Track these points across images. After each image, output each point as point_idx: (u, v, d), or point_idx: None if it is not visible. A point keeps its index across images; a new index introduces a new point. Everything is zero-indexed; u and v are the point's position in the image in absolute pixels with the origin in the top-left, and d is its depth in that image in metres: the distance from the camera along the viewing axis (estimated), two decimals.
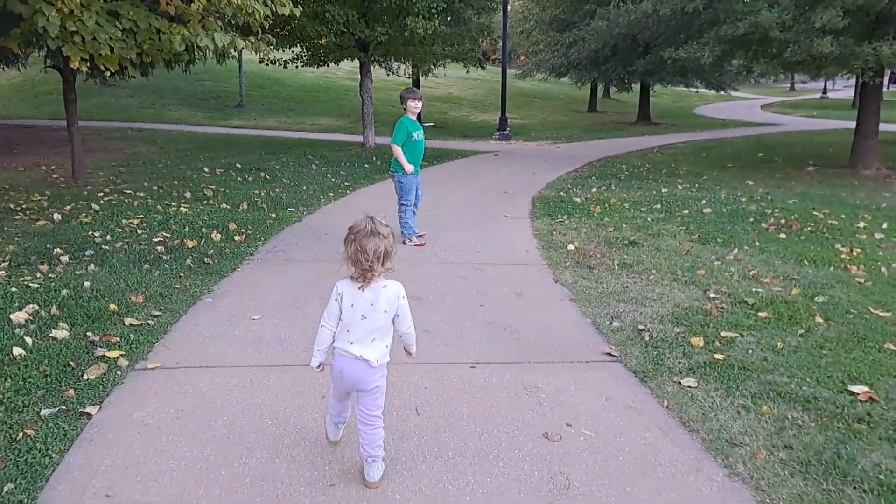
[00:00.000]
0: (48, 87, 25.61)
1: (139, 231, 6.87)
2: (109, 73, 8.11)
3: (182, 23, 7.68)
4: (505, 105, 20.02)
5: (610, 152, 16.68)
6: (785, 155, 16.55)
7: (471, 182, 11.22)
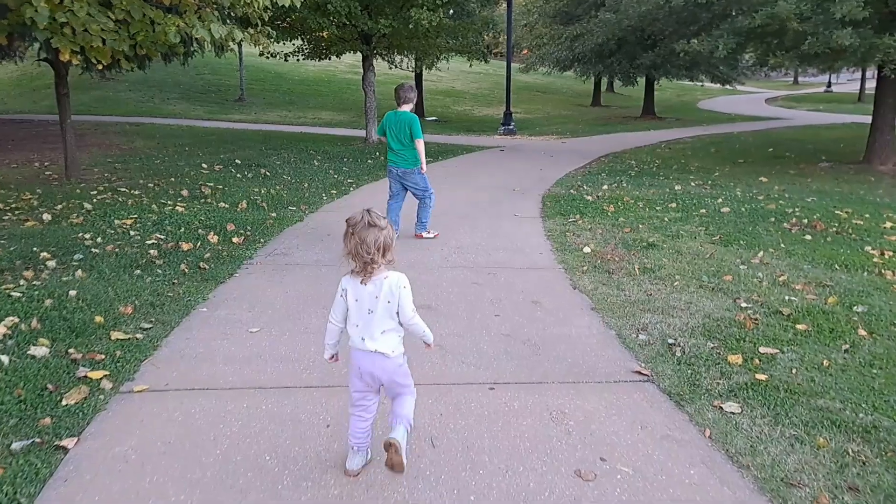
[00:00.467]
0: (46, 81, 25.18)
1: (132, 233, 6.52)
2: (102, 67, 7.77)
3: (177, 13, 7.30)
4: (509, 99, 19.64)
5: (617, 147, 16.33)
6: (795, 150, 16.19)
7: (477, 179, 10.86)
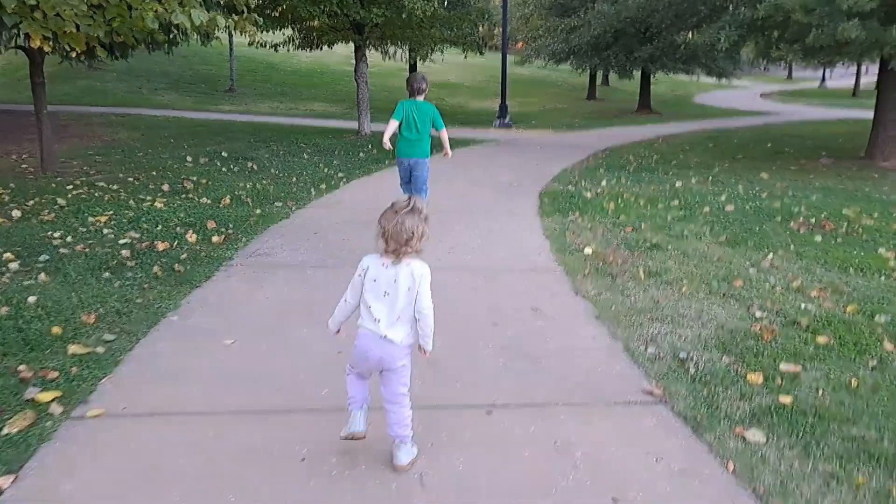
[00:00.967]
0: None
1: (105, 231, 6.13)
2: (76, 55, 7.37)
3: None
4: (505, 92, 19.25)
5: (614, 142, 15.98)
6: (795, 146, 15.89)
7: (473, 174, 10.50)
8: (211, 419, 2.99)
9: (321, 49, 16.17)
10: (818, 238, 6.63)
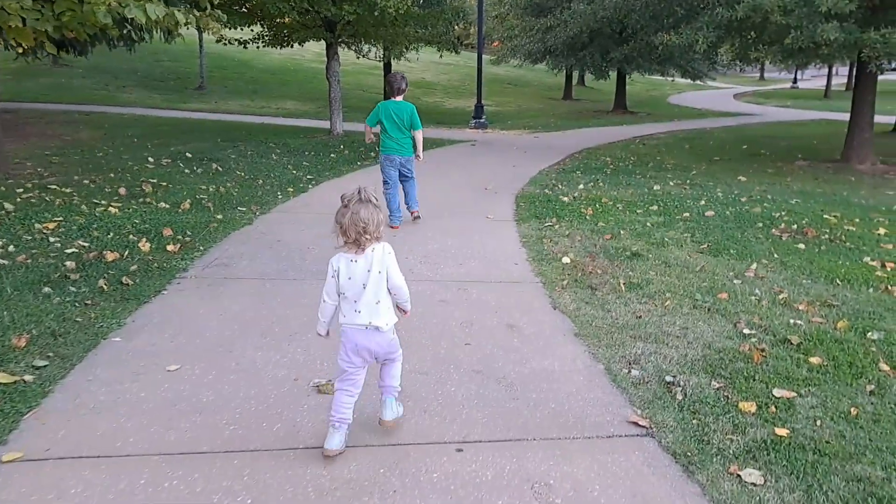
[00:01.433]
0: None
1: (52, 239, 5.72)
2: (22, 51, 6.93)
3: None
4: (481, 92, 18.99)
5: (590, 143, 15.80)
6: (770, 148, 15.84)
7: (448, 176, 10.20)
8: (145, 463, 2.64)
9: (292, 47, 15.76)
10: (801, 246, 6.43)
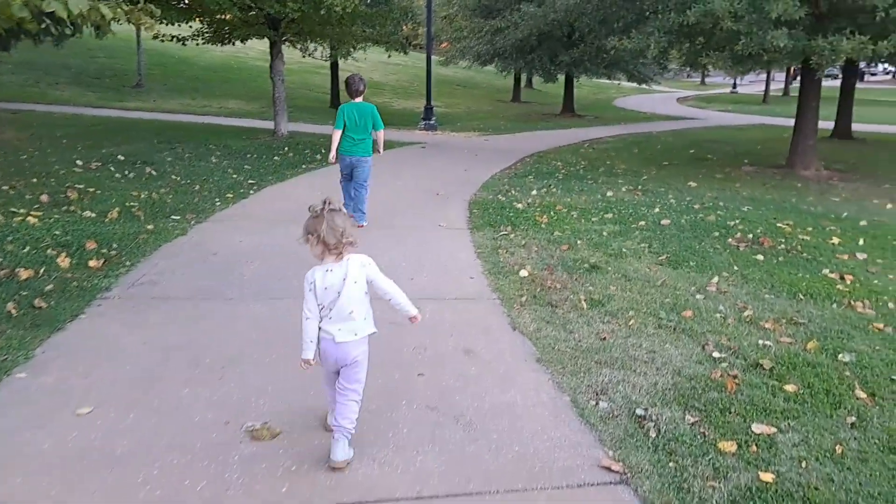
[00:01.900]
0: None
1: None
2: None
3: None
4: (430, 93, 18.67)
5: (541, 146, 15.66)
6: (716, 152, 15.96)
7: (398, 180, 9.83)
8: None
9: (233, 44, 15.16)
10: (760, 257, 6.30)
